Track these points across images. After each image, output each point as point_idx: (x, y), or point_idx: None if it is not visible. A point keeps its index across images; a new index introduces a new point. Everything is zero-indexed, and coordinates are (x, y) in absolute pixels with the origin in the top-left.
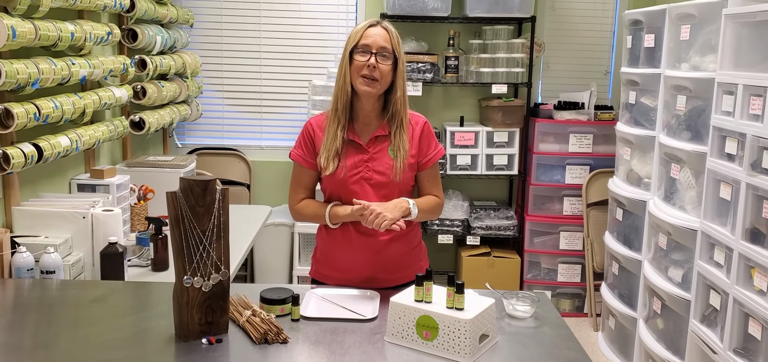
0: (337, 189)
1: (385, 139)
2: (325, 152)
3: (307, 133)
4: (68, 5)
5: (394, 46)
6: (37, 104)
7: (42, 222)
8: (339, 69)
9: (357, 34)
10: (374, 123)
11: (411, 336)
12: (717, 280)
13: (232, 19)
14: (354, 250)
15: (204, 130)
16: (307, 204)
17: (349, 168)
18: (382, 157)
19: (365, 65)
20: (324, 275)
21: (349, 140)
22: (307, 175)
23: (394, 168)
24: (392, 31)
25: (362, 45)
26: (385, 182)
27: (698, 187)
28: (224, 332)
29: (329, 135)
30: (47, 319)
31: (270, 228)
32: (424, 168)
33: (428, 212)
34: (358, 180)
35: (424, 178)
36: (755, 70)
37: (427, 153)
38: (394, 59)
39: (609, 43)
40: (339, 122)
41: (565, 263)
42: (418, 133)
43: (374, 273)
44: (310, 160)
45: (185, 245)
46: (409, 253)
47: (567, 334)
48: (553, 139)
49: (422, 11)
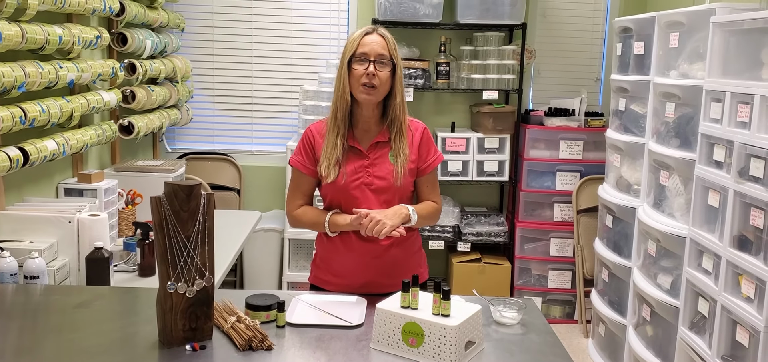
0: (338, 195)
1: (386, 145)
2: (326, 160)
3: (307, 140)
4: (56, 8)
5: (392, 52)
6: (23, 107)
7: (27, 227)
8: (337, 78)
9: (354, 43)
10: (374, 129)
11: (397, 342)
12: (705, 287)
13: (224, 23)
14: (354, 255)
15: (194, 135)
16: (305, 211)
17: (349, 174)
18: (382, 162)
19: (364, 73)
20: (324, 281)
21: (349, 146)
22: (306, 182)
23: (395, 173)
24: (389, 38)
25: (360, 53)
26: (385, 187)
27: (687, 194)
28: (208, 338)
29: (329, 143)
30: (31, 325)
31: (260, 234)
32: (423, 173)
33: (427, 218)
34: (358, 185)
35: (423, 183)
36: (742, 77)
37: (426, 159)
38: (392, 65)
39: (599, 50)
40: (338, 131)
41: (555, 269)
42: (418, 138)
43: (374, 278)
44: (310, 167)
45: (169, 250)
46: (408, 259)
47: (554, 341)
48: (544, 145)
49: (413, 17)
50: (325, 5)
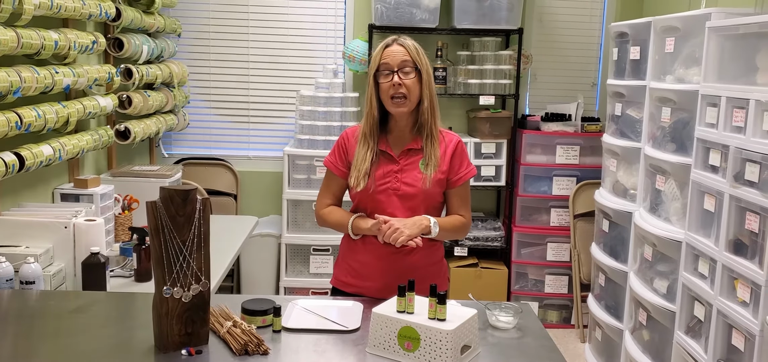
0: (365, 199)
1: (418, 152)
2: (356, 171)
3: (342, 142)
4: (52, 13)
5: (415, 58)
6: (18, 112)
7: (23, 232)
8: (366, 94)
9: (376, 57)
10: (407, 137)
11: (393, 347)
12: (701, 291)
13: (220, 29)
14: (374, 257)
15: (191, 140)
16: (331, 211)
17: (377, 178)
18: (412, 169)
19: (391, 85)
20: (344, 282)
21: (380, 151)
22: (336, 183)
23: (424, 178)
24: (410, 45)
25: (383, 66)
26: (412, 194)
27: (683, 199)
28: (204, 343)
29: (360, 155)
30: (27, 331)
31: (257, 239)
32: (454, 186)
33: (452, 232)
34: (385, 190)
35: (454, 196)
36: (738, 82)
37: (458, 171)
38: (417, 71)
39: (596, 55)
40: (368, 145)
41: (552, 274)
42: (452, 150)
43: (392, 281)
44: (342, 169)
45: (165, 255)
46: (428, 268)
47: (550, 345)
48: (541, 150)
49: (410, 23)
50: (321, 10)
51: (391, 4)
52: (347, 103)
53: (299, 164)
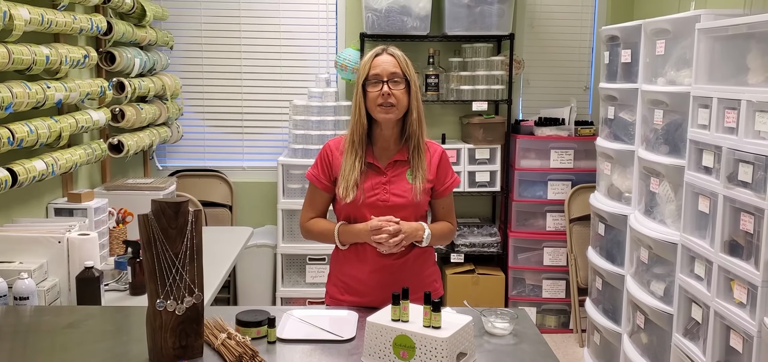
0: (354, 211)
1: (404, 163)
2: (344, 182)
3: (325, 155)
4: (43, 28)
5: (404, 69)
6: (10, 128)
7: (16, 248)
8: (353, 102)
9: (365, 66)
10: (393, 148)
11: (388, 356)
12: (698, 293)
13: (212, 40)
14: (368, 272)
15: (185, 152)
16: (316, 221)
17: (366, 190)
18: (399, 180)
19: (379, 94)
20: (338, 301)
21: (367, 164)
22: (320, 196)
23: (414, 189)
24: (400, 56)
25: (372, 75)
26: (402, 205)
27: (677, 201)
28: (199, 356)
29: (347, 165)
30: (21, 347)
31: (252, 250)
32: (440, 196)
33: (440, 238)
34: (374, 201)
35: (439, 205)
36: (729, 83)
37: (444, 181)
38: (406, 82)
39: (588, 59)
40: (356, 153)
41: (549, 279)
42: (437, 160)
43: (388, 295)
44: (325, 182)
45: (158, 268)
46: (422, 276)
47: (546, 351)
48: (535, 155)
49: (401, 30)
50: (313, 20)
51: (382, 13)
52: (340, 112)
53: (293, 174)
